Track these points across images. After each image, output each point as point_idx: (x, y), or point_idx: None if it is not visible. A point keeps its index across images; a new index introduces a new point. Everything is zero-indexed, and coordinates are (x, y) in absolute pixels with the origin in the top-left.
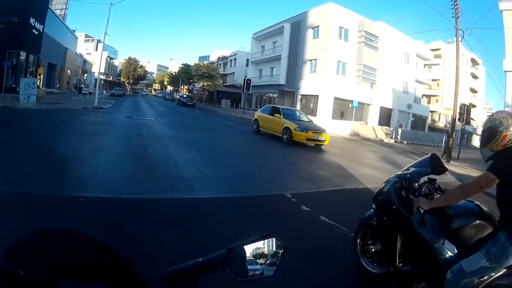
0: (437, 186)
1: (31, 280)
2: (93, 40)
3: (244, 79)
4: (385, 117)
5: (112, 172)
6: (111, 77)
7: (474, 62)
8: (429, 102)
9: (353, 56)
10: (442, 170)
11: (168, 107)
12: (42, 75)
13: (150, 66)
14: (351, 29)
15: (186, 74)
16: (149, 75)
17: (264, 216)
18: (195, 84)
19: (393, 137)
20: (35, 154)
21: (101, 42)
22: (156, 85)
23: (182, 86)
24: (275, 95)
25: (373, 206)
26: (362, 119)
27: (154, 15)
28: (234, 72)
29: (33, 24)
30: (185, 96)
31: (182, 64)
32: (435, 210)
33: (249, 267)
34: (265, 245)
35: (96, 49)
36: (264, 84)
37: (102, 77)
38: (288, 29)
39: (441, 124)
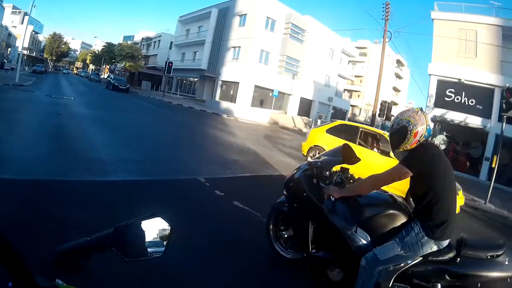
0: (349, 175)
1: None
2: (20, 12)
3: (166, 62)
4: (305, 108)
5: (27, 152)
6: (34, 53)
7: (399, 63)
8: (350, 97)
9: (278, 46)
10: (354, 160)
11: (89, 87)
12: None
13: (74, 43)
14: (278, 20)
15: (109, 54)
16: (72, 52)
17: (176, 200)
18: (117, 64)
19: (312, 127)
20: None
21: (28, 15)
22: (79, 63)
23: (104, 66)
24: (196, 80)
25: (284, 192)
26: (282, 108)
27: None
28: (157, 54)
29: None
30: (116, 78)
31: (106, 43)
32: (347, 199)
33: (137, 248)
34: (152, 225)
35: (22, 22)
36: (185, 68)
37: (25, 52)
38: (215, 14)
39: (361, 118)
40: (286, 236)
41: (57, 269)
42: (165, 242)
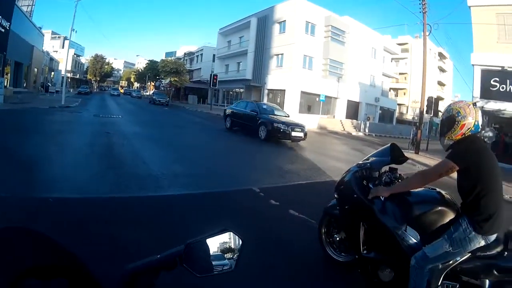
0: (398, 175)
1: None
2: (59, 37)
3: (211, 75)
4: (353, 111)
5: (79, 172)
6: (77, 75)
7: (441, 56)
8: (396, 95)
9: (320, 50)
10: (402, 159)
11: (135, 105)
12: (9, 74)
13: (117, 63)
14: (318, 24)
15: (152, 71)
16: (115, 72)
17: (232, 211)
18: (162, 80)
19: (361, 130)
20: (1, 156)
21: (68, 39)
22: (123, 82)
23: (149, 83)
24: (241, 90)
25: (335, 195)
26: (329, 112)
27: (120, 11)
28: (200, 68)
29: None
30: (157, 93)
31: (149, 61)
32: (396, 198)
33: (208, 262)
34: (223, 240)
35: (63, 47)
36: (230, 79)
37: (68, 75)
38: (254, 23)
39: (409, 116)
40: (338, 239)
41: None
42: (236, 256)
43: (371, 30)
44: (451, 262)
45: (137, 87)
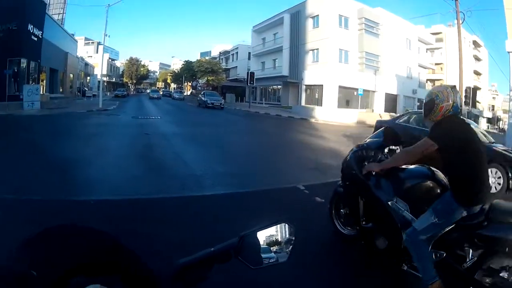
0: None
1: (41, 279)
2: (93, 42)
3: (248, 72)
4: (391, 104)
5: (121, 173)
6: (113, 78)
7: (476, 44)
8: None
9: (355, 44)
10: (395, 141)
11: (174, 106)
12: (44, 81)
13: (153, 65)
14: (350, 17)
15: (188, 71)
16: (151, 74)
17: (278, 209)
18: (199, 80)
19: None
20: (42, 160)
21: (101, 44)
22: (160, 83)
23: (186, 83)
24: (279, 87)
25: (341, 174)
26: (368, 106)
27: (152, 14)
28: (236, 66)
29: (31, 31)
30: (209, 94)
31: (184, 61)
32: (389, 175)
33: (262, 254)
34: (277, 231)
35: (97, 52)
36: (267, 77)
37: (104, 79)
38: (287, 19)
39: None
40: (343, 214)
41: (177, 282)
42: (289, 247)
43: (404, 20)
44: (437, 232)
45: (174, 87)
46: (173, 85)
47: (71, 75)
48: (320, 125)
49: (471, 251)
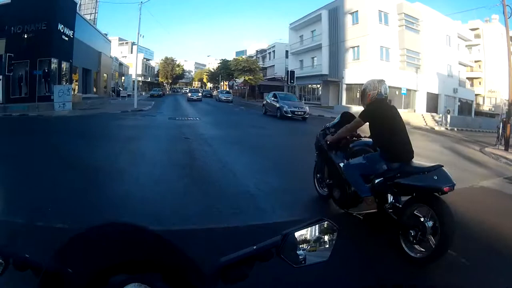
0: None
1: (79, 278)
2: (127, 43)
3: (287, 71)
4: (432, 103)
5: (156, 189)
6: (148, 78)
7: None
8: (472, 85)
9: (395, 40)
10: (350, 121)
11: (226, 112)
12: (77, 81)
13: (188, 65)
14: (390, 13)
15: (225, 70)
16: (187, 73)
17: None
18: (236, 79)
19: (443, 124)
20: (66, 167)
21: (136, 44)
22: (196, 83)
23: (222, 82)
24: (318, 86)
25: (314, 147)
26: (410, 106)
27: (187, 12)
28: (274, 65)
29: (61, 31)
30: (285, 96)
31: (221, 60)
32: (345, 148)
33: (304, 252)
34: (319, 230)
35: (131, 52)
36: (306, 75)
37: (139, 78)
38: (326, 16)
39: (485, 107)
40: (319, 178)
41: (219, 279)
42: (331, 245)
43: (443, 16)
44: (366, 172)
45: (210, 87)
46: (209, 85)
47: (105, 75)
48: (366, 127)
49: (391, 196)
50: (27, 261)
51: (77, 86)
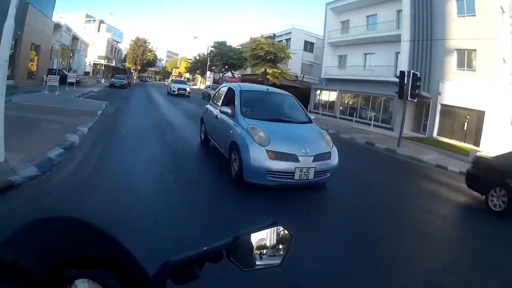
0: None
1: (32, 270)
2: (94, 20)
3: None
4: None
5: None
6: (113, 62)
7: None
8: None
9: None
10: None
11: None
12: None
13: (159, 53)
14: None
15: (221, 57)
16: (158, 61)
17: None
18: (247, 68)
19: None
20: None
21: (104, 23)
22: (176, 71)
23: (209, 74)
24: (384, 98)
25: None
26: None
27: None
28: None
29: None
30: None
31: (215, 43)
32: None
33: (255, 256)
34: (271, 234)
35: (99, 30)
36: (349, 79)
37: (102, 61)
38: None
39: None
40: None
41: (167, 279)
42: (283, 251)
43: None
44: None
45: (187, 78)
46: (186, 75)
47: (35, 47)
48: None
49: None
50: None
51: None
